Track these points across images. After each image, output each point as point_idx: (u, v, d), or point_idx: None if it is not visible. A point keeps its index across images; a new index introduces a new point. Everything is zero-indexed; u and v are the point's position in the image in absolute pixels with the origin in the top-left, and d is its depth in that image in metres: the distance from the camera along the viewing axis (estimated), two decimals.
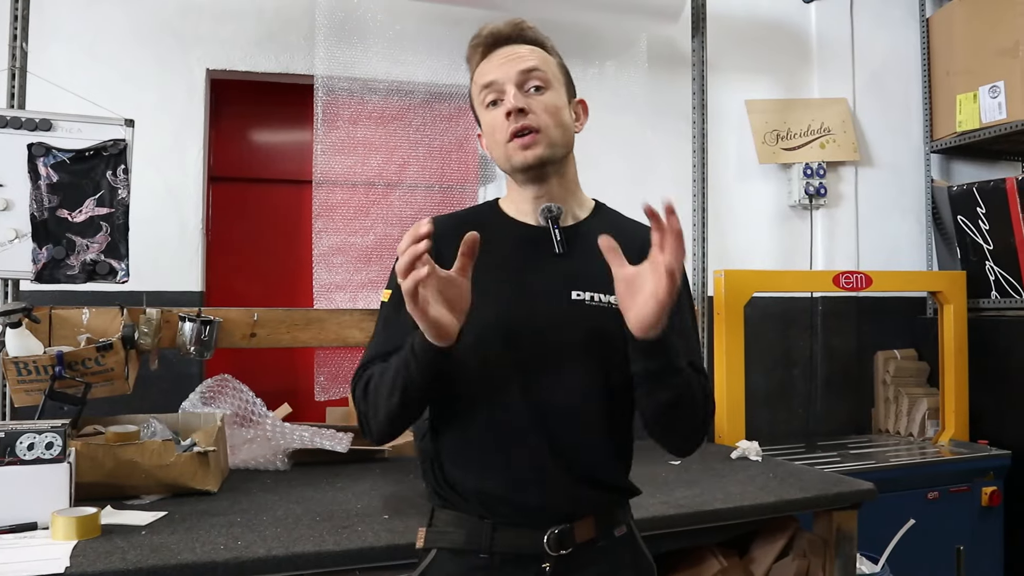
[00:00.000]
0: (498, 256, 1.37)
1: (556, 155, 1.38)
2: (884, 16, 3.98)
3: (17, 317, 2.24)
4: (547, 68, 1.39)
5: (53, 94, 2.48)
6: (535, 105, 1.36)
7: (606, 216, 1.49)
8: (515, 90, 1.36)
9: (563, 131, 1.39)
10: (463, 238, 1.21)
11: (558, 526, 1.32)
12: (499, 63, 1.38)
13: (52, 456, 1.84)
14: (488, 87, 1.39)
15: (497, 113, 1.37)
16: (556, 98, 1.39)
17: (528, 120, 1.34)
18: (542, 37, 1.44)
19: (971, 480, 3.23)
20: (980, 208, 3.61)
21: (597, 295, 1.35)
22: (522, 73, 1.37)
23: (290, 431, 2.64)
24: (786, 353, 3.75)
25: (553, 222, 1.38)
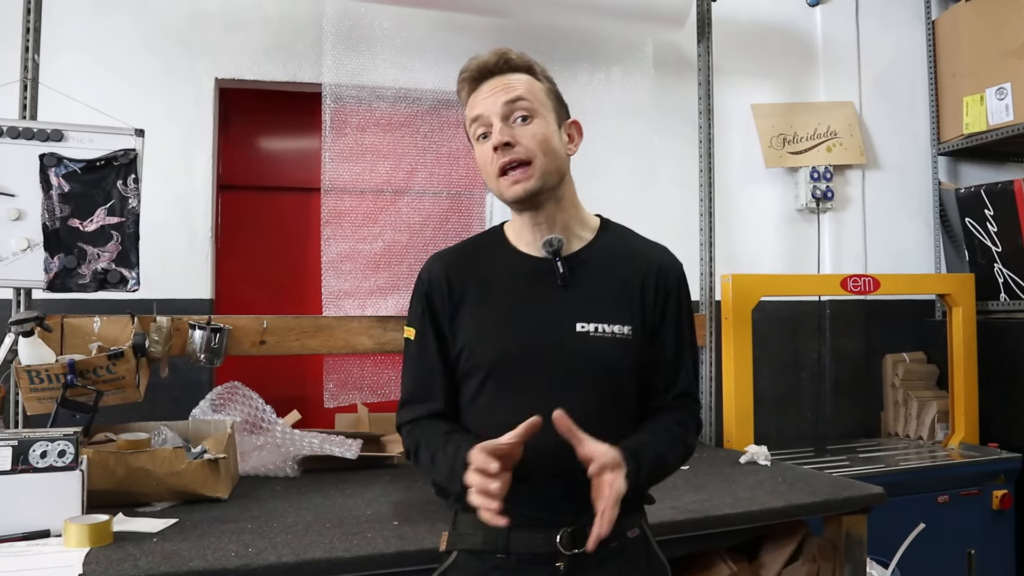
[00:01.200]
0: (504, 289, 1.43)
1: (547, 184, 1.39)
2: (889, 18, 3.98)
3: (30, 326, 2.26)
4: (533, 96, 1.40)
5: (64, 104, 2.50)
6: (522, 136, 1.37)
7: (611, 237, 1.49)
8: (501, 123, 1.37)
9: (553, 158, 1.39)
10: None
11: (569, 527, 1.36)
12: (485, 96, 1.40)
13: (65, 464, 1.86)
14: (476, 121, 1.41)
15: (486, 147, 1.39)
16: (543, 126, 1.39)
17: (515, 153, 1.36)
18: (529, 62, 1.45)
19: (982, 483, 3.22)
20: (988, 210, 3.60)
21: (601, 326, 1.38)
22: (507, 104, 1.38)
23: (300, 438, 2.66)
24: (794, 357, 3.74)
25: (555, 255, 1.40)
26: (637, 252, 1.46)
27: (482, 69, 1.42)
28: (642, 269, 1.42)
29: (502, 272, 1.45)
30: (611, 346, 1.37)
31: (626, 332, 1.39)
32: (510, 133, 1.36)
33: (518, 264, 1.45)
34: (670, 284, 1.44)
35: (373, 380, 3.04)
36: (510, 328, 1.39)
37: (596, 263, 1.43)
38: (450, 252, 1.53)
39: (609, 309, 1.38)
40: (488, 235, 1.56)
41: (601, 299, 1.40)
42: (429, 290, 1.47)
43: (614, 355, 1.37)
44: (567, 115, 1.48)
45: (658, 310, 1.42)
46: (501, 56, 1.42)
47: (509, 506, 1.36)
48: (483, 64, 1.42)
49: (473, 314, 1.43)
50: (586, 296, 1.40)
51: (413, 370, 1.49)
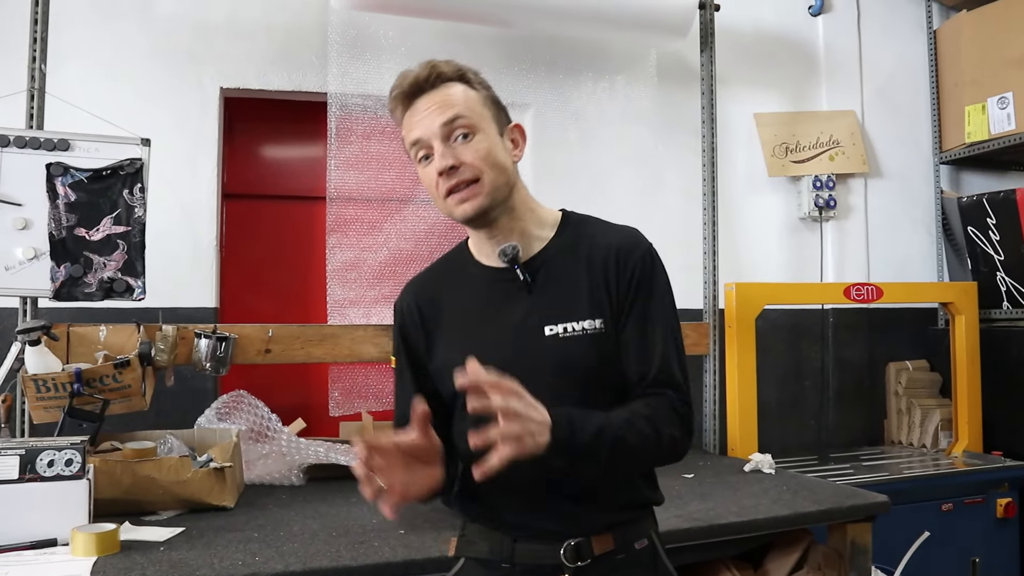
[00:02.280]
0: (470, 306, 1.43)
1: (497, 199, 1.35)
2: (891, 28, 4.00)
3: (36, 335, 2.26)
4: (470, 111, 1.34)
5: (70, 114, 2.52)
6: (465, 155, 1.32)
7: (572, 230, 1.44)
8: (442, 145, 1.32)
9: (500, 171, 1.35)
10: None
11: (574, 539, 1.34)
12: (422, 116, 1.35)
13: (72, 473, 1.86)
14: (416, 144, 1.36)
15: (430, 170, 1.34)
16: (485, 140, 1.34)
17: (461, 175, 1.32)
18: (461, 70, 1.39)
19: (986, 492, 3.21)
20: (990, 219, 3.61)
21: (569, 325, 1.34)
22: (445, 125, 1.32)
23: (305, 446, 2.66)
24: (797, 365, 3.74)
25: (513, 262, 1.37)
26: (597, 241, 1.40)
27: (414, 86, 1.36)
28: (602, 256, 1.37)
29: (468, 289, 1.44)
30: (584, 344, 1.33)
31: (598, 326, 1.34)
32: (453, 154, 1.32)
33: (482, 278, 1.43)
34: (632, 264, 1.36)
35: (378, 389, 3.04)
36: (479, 344, 1.34)
37: (558, 262, 1.39)
38: (419, 278, 1.53)
39: (576, 306, 1.34)
40: (455, 252, 1.53)
41: (567, 297, 1.36)
42: (402, 321, 1.48)
43: (589, 352, 1.33)
44: (508, 119, 1.43)
45: (622, 294, 1.36)
46: (432, 69, 1.36)
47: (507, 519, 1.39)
48: (414, 81, 1.36)
49: (444, 337, 1.43)
50: (552, 298, 1.36)
51: (397, 398, 1.51)
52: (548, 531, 1.35)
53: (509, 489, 1.34)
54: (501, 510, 1.38)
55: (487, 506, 1.40)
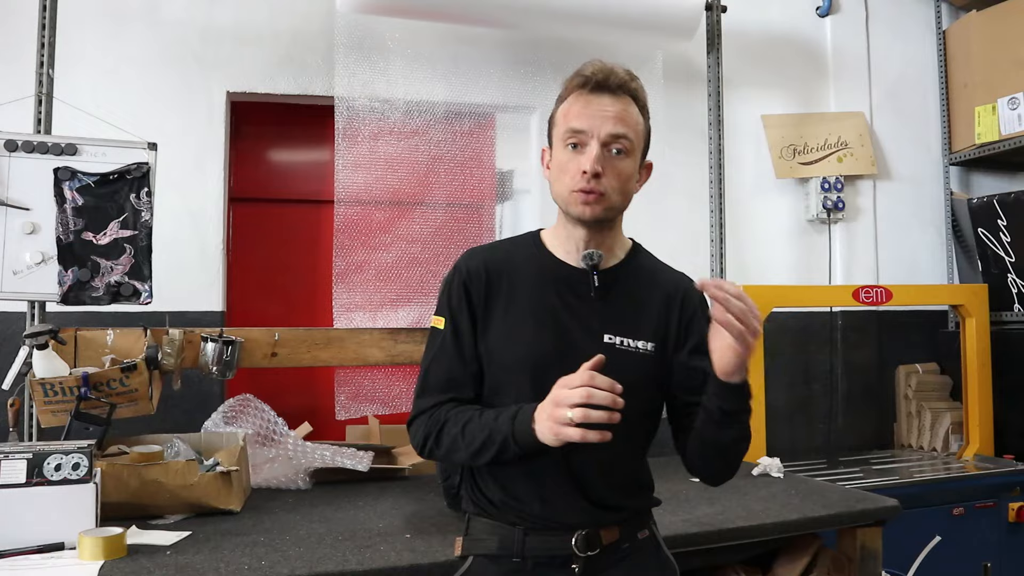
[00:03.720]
0: (537, 292, 1.46)
1: (610, 215, 1.45)
2: (900, 29, 3.98)
3: (44, 339, 2.27)
4: (634, 136, 1.42)
5: (78, 119, 2.53)
6: (610, 171, 1.40)
7: (642, 260, 1.54)
8: (599, 150, 1.39)
9: (624, 196, 1.45)
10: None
11: (584, 529, 1.40)
12: (596, 111, 1.40)
13: (79, 477, 1.86)
14: (575, 131, 1.41)
15: (575, 160, 1.41)
16: (631, 166, 1.43)
17: (598, 185, 1.39)
18: (642, 95, 1.46)
19: (997, 496, 3.19)
20: (1001, 220, 3.59)
21: (627, 340, 1.42)
22: (613, 136, 1.40)
23: (311, 450, 2.66)
24: (806, 368, 3.72)
25: (593, 268, 1.44)
26: (663, 277, 1.52)
27: (603, 82, 1.42)
28: (667, 291, 1.49)
29: (537, 275, 1.47)
30: (636, 360, 1.41)
31: (649, 348, 1.43)
32: (603, 163, 1.39)
33: (553, 270, 1.48)
34: (694, 305, 1.49)
35: (384, 392, 3.04)
36: (540, 330, 1.41)
37: (626, 281, 1.48)
38: (487, 248, 1.56)
39: (635, 325, 1.43)
40: (524, 238, 1.57)
41: (628, 315, 1.44)
42: (467, 280, 1.47)
43: (638, 369, 1.41)
44: (646, 153, 1.52)
45: (682, 330, 1.46)
46: (623, 76, 1.43)
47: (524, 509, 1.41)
48: (604, 73, 1.42)
49: (505, 311, 1.45)
50: (614, 310, 1.44)
51: (442, 360, 1.46)
52: (560, 523, 1.40)
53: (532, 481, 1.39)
54: (518, 501, 1.41)
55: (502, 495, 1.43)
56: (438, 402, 1.43)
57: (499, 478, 1.43)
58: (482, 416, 1.37)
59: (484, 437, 1.34)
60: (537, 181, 3.39)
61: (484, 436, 1.34)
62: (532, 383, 1.38)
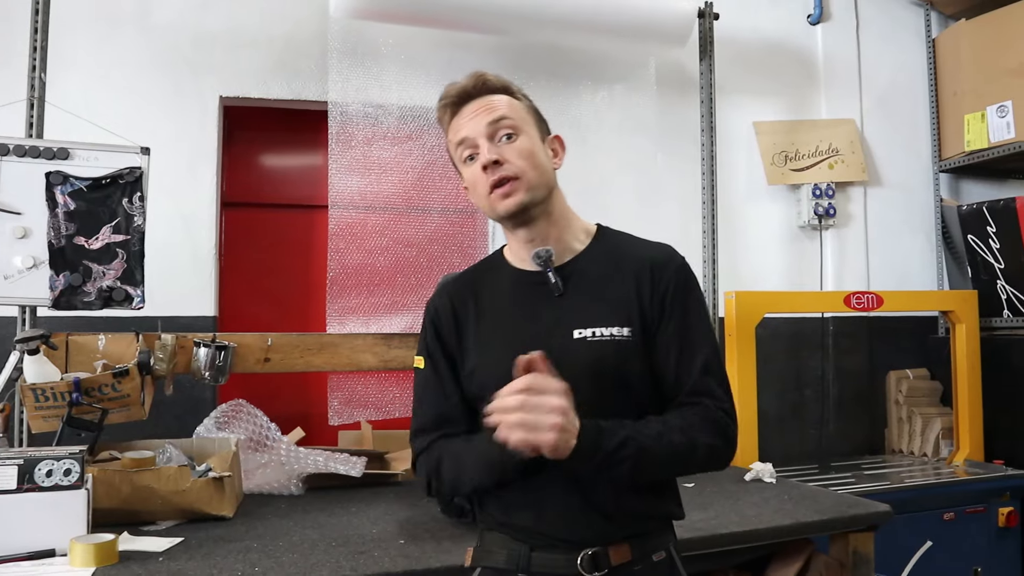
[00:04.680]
0: (501, 307, 1.45)
1: (537, 197, 1.40)
2: (890, 37, 4.01)
3: (35, 344, 2.25)
4: (515, 114, 1.43)
5: (70, 123, 2.52)
6: (508, 153, 1.39)
7: (606, 241, 1.49)
8: (487, 143, 1.39)
9: (540, 172, 1.41)
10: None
11: (591, 548, 1.35)
12: (468, 118, 1.42)
13: (70, 483, 1.85)
14: (462, 143, 1.43)
15: (475, 168, 1.41)
16: (527, 142, 1.42)
17: (505, 170, 1.38)
18: (506, 83, 1.47)
19: (987, 501, 3.21)
20: (990, 227, 3.61)
21: (598, 330, 1.37)
22: (491, 124, 1.40)
23: (304, 456, 2.65)
24: (798, 374, 3.74)
25: (546, 265, 1.40)
26: (631, 253, 1.45)
27: (461, 94, 1.44)
28: (636, 268, 1.41)
29: (500, 291, 1.47)
30: (611, 348, 1.35)
31: (625, 333, 1.36)
32: (498, 151, 1.38)
33: (514, 281, 1.47)
34: (666, 278, 1.40)
35: (378, 398, 3.03)
36: (510, 343, 1.36)
37: (590, 270, 1.43)
38: (454, 280, 1.56)
39: (605, 313, 1.37)
40: (490, 259, 1.58)
41: (597, 304, 1.39)
42: (436, 318, 1.49)
43: (615, 358, 1.35)
44: (548, 131, 1.51)
45: (655, 307, 1.38)
46: (478, 79, 1.45)
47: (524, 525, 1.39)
48: (462, 89, 1.44)
49: (476, 337, 1.45)
50: (581, 303, 1.40)
51: (428, 399, 1.48)
52: (565, 540, 1.36)
53: (531, 495, 1.36)
54: (520, 517, 1.39)
55: (506, 513, 1.41)
56: (431, 441, 1.44)
57: (501, 497, 1.41)
58: (470, 443, 1.38)
59: (481, 466, 1.35)
60: None
61: (481, 465, 1.35)
62: None
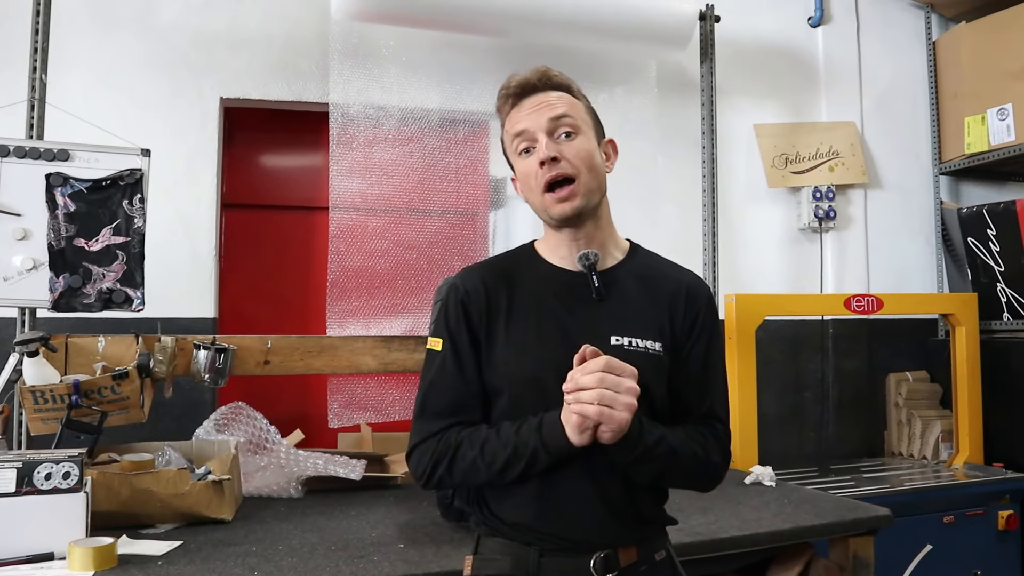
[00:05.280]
0: (540, 302, 1.42)
1: (591, 202, 1.41)
2: (891, 39, 4.00)
3: (35, 346, 2.25)
4: (576, 113, 1.42)
5: (70, 124, 2.51)
6: (567, 151, 1.38)
7: (641, 259, 1.51)
8: (546, 138, 1.38)
9: (595, 175, 1.41)
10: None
11: (603, 551, 1.36)
12: (529, 111, 1.41)
13: (69, 486, 1.84)
14: (520, 136, 1.41)
15: (531, 161, 1.40)
16: (586, 142, 1.41)
17: (561, 168, 1.37)
18: (568, 81, 1.46)
19: (987, 504, 3.21)
20: (990, 230, 3.61)
21: (635, 340, 1.38)
22: (552, 120, 1.39)
23: (304, 458, 2.64)
24: (798, 376, 3.74)
25: (591, 269, 1.40)
26: (667, 274, 1.48)
27: (523, 86, 1.43)
28: (671, 288, 1.45)
29: (536, 285, 1.44)
30: (644, 360, 1.35)
31: (657, 348, 1.39)
32: (556, 148, 1.38)
33: (552, 278, 1.45)
34: (699, 305, 1.45)
35: (377, 400, 3.03)
36: (546, 340, 1.38)
37: (628, 281, 1.45)
38: (483, 265, 1.52)
39: (641, 325, 1.40)
40: (519, 251, 1.54)
41: (633, 315, 1.41)
42: (466, 299, 1.43)
43: (648, 370, 1.34)
44: (603, 134, 1.50)
45: (686, 329, 1.43)
46: (543, 74, 1.44)
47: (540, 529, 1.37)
48: (524, 81, 1.43)
49: (508, 327, 1.41)
50: (619, 311, 1.41)
51: (443, 383, 1.42)
52: (577, 542, 1.36)
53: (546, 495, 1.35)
54: (532, 517, 1.37)
55: (517, 513, 1.38)
56: (444, 427, 1.38)
57: (513, 498, 1.38)
58: (500, 432, 1.34)
59: (509, 452, 1.32)
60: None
61: (509, 451, 1.31)
62: (544, 394, 1.34)
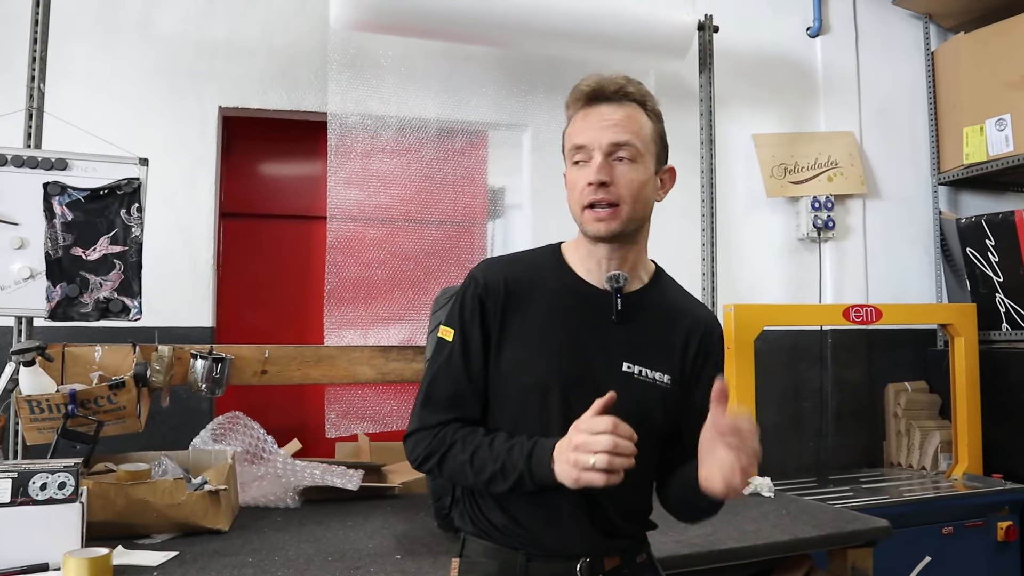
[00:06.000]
0: (559, 311, 1.40)
1: (629, 229, 1.38)
2: (889, 49, 4.01)
3: (31, 356, 2.25)
4: (639, 141, 1.37)
5: (68, 133, 2.51)
6: (618, 177, 1.35)
7: (664, 287, 1.50)
8: (602, 159, 1.35)
9: (642, 206, 1.38)
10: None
11: (589, 557, 1.38)
12: (595, 124, 1.37)
13: (65, 496, 1.84)
14: (579, 148, 1.38)
15: (581, 175, 1.37)
16: (641, 172, 1.37)
17: (608, 194, 1.34)
18: (645, 96, 1.41)
19: (986, 515, 3.19)
20: (989, 240, 3.61)
21: (645, 370, 1.38)
22: (613, 144, 1.35)
23: (300, 468, 2.64)
24: (796, 386, 3.73)
25: (617, 291, 1.39)
26: (686, 306, 1.48)
27: (597, 91, 1.38)
28: (688, 323, 1.44)
29: (558, 293, 1.42)
30: (652, 391, 1.38)
31: (666, 381, 1.39)
32: (609, 172, 1.34)
33: (575, 288, 1.42)
34: (713, 343, 1.46)
35: (375, 410, 3.02)
36: (558, 353, 1.36)
37: (649, 307, 1.43)
38: (507, 260, 1.49)
39: (654, 354, 1.40)
40: (544, 251, 1.50)
41: (648, 344, 1.40)
42: (484, 292, 1.40)
43: (653, 401, 1.38)
44: (666, 159, 1.46)
45: (697, 366, 1.43)
46: (620, 86, 1.39)
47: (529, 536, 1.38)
48: (600, 86, 1.38)
49: (522, 329, 1.39)
50: (635, 337, 1.40)
51: (447, 374, 1.40)
52: (564, 549, 1.38)
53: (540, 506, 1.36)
54: (523, 524, 1.38)
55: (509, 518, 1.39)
56: (442, 420, 1.38)
57: (504, 502, 1.38)
58: (493, 444, 1.32)
59: (496, 468, 1.30)
60: (528, 197, 3.39)
61: (496, 467, 1.30)
62: (547, 406, 1.35)
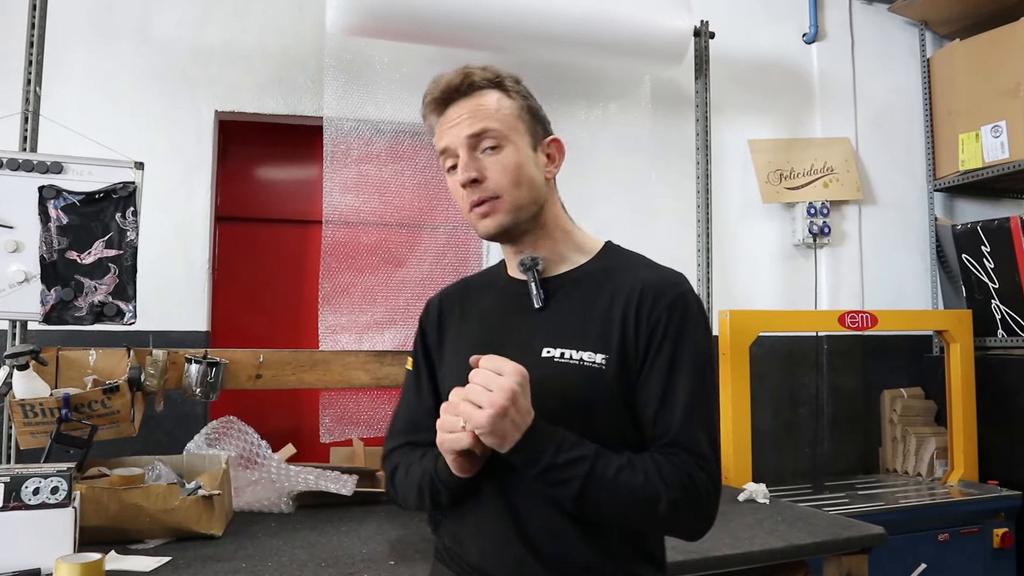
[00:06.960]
0: (480, 315, 1.38)
1: (521, 217, 1.28)
2: (885, 56, 4.03)
3: (25, 359, 2.24)
4: (500, 123, 1.27)
5: (64, 137, 2.51)
6: (490, 168, 1.26)
7: (608, 259, 1.34)
8: (467, 156, 1.26)
9: (527, 188, 1.28)
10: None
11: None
12: (451, 124, 1.28)
13: (57, 501, 1.83)
14: (444, 153, 1.30)
15: (455, 180, 1.29)
16: (514, 154, 1.27)
17: (484, 190, 1.26)
18: (497, 77, 1.31)
19: (982, 522, 3.20)
20: (985, 247, 3.62)
21: (568, 351, 1.23)
22: (472, 137, 1.26)
23: (295, 473, 2.63)
24: (792, 393, 3.73)
25: (530, 273, 1.30)
26: (628, 276, 1.28)
27: (446, 93, 1.29)
28: (627, 291, 1.25)
29: (487, 299, 1.39)
30: (578, 375, 1.21)
31: (598, 361, 1.21)
32: (477, 166, 1.25)
33: (502, 290, 1.37)
34: (659, 309, 1.23)
35: (369, 415, 3.02)
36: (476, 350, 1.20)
37: (580, 286, 1.29)
38: (452, 284, 1.50)
39: (582, 335, 1.23)
40: (493, 266, 1.48)
41: (576, 324, 1.25)
42: (424, 319, 1.45)
43: (581, 385, 1.20)
44: (544, 132, 1.34)
45: (642, 339, 1.22)
46: (465, 76, 1.29)
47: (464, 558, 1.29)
48: (446, 87, 1.29)
49: (455, 342, 1.38)
50: (560, 320, 1.26)
51: (406, 402, 1.43)
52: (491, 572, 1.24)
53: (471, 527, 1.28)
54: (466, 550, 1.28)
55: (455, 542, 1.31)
56: (395, 446, 1.39)
57: (453, 520, 1.32)
58: (421, 460, 1.29)
59: (418, 480, 1.27)
60: None
61: (418, 479, 1.27)
62: None
